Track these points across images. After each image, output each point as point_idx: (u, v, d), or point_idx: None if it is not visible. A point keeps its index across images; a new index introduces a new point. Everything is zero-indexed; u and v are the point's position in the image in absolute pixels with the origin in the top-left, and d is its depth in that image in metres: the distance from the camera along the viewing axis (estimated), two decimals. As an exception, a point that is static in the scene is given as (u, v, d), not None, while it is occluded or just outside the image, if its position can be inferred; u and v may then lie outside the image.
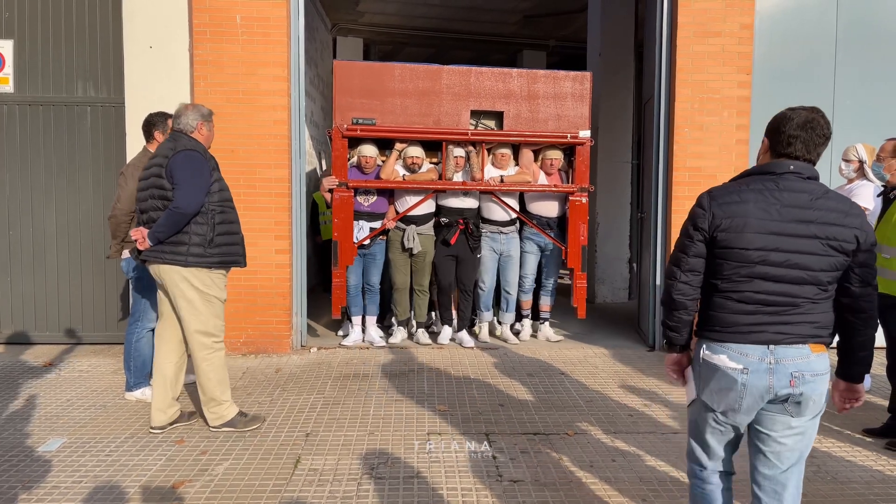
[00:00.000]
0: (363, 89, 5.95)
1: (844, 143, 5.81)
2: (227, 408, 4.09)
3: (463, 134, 6.04)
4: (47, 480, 3.42)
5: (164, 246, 3.85)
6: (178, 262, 3.86)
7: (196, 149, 3.91)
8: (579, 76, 6.18)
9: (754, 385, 2.18)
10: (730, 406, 2.24)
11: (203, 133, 4.06)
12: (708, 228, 2.25)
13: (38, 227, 6.15)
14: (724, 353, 2.23)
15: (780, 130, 2.26)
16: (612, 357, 6.01)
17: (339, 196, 5.99)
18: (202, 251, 3.87)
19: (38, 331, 6.21)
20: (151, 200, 3.88)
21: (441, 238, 6.20)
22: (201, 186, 3.83)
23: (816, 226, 2.15)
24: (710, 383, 2.27)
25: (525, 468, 3.61)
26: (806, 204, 2.17)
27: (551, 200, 6.35)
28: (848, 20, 6.16)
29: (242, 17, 5.78)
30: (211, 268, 3.93)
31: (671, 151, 6.09)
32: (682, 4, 5.96)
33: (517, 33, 11.83)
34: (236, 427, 4.07)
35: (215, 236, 3.90)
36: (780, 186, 2.20)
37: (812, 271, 2.16)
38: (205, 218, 3.87)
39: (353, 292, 6.24)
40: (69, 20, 6.07)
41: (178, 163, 3.81)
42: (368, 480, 3.45)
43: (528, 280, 6.50)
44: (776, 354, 2.17)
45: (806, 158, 2.23)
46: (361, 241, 6.08)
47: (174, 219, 3.78)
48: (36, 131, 6.10)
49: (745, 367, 2.19)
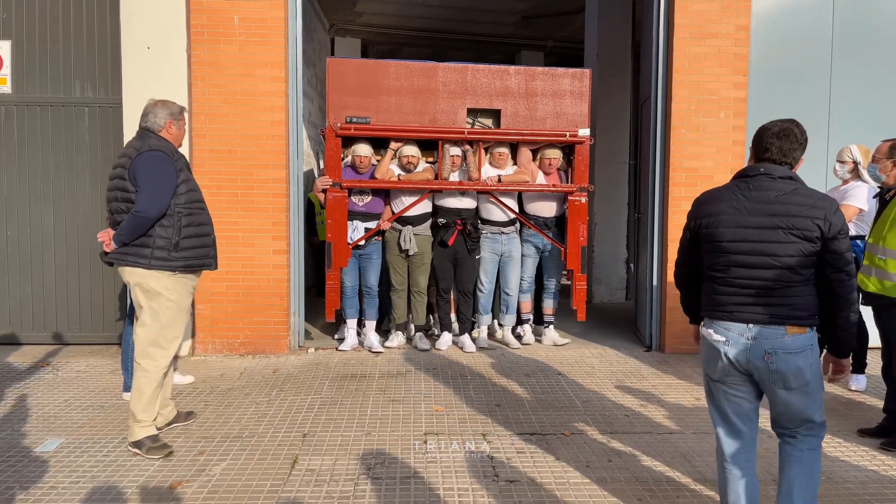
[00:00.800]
0: (357, 87, 5.83)
1: (840, 143, 5.85)
2: (142, 428, 3.79)
3: (459, 133, 5.93)
4: (45, 481, 3.43)
5: (128, 248, 3.72)
6: (141, 265, 3.72)
7: (162, 149, 3.75)
8: (578, 73, 6.08)
9: (734, 356, 2.56)
10: (722, 372, 2.62)
11: (172, 132, 3.89)
12: (694, 225, 2.70)
13: (36, 228, 6.15)
14: (712, 327, 2.64)
15: (760, 138, 2.65)
16: (609, 357, 6.02)
17: (333, 196, 5.88)
18: (166, 255, 3.72)
19: (35, 331, 6.21)
20: (116, 203, 3.75)
21: (438, 239, 6.09)
22: (165, 189, 3.69)
23: (779, 218, 2.49)
24: (705, 354, 2.69)
25: (521, 468, 3.62)
26: (772, 199, 2.52)
27: (550, 200, 6.26)
28: (844, 22, 6.18)
29: (240, 18, 5.79)
30: (175, 271, 3.78)
31: (668, 152, 6.11)
32: (679, 6, 5.98)
33: (515, 34, 11.85)
34: (140, 449, 3.75)
35: (181, 239, 3.75)
36: (752, 186, 2.58)
37: (778, 257, 2.49)
38: (170, 220, 3.73)
39: (350, 293, 6.11)
40: (67, 21, 6.08)
41: (140, 164, 3.66)
42: (365, 481, 3.46)
43: (527, 282, 6.40)
44: (753, 332, 2.53)
45: (782, 161, 2.61)
46: (356, 242, 5.95)
47: (136, 222, 3.64)
48: (34, 132, 6.11)
49: (726, 339, 2.57)
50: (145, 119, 3.84)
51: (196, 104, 5.81)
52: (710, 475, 3.56)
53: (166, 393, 4.08)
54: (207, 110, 5.80)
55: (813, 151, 6.22)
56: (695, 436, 4.13)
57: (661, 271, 6.24)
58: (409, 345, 6.30)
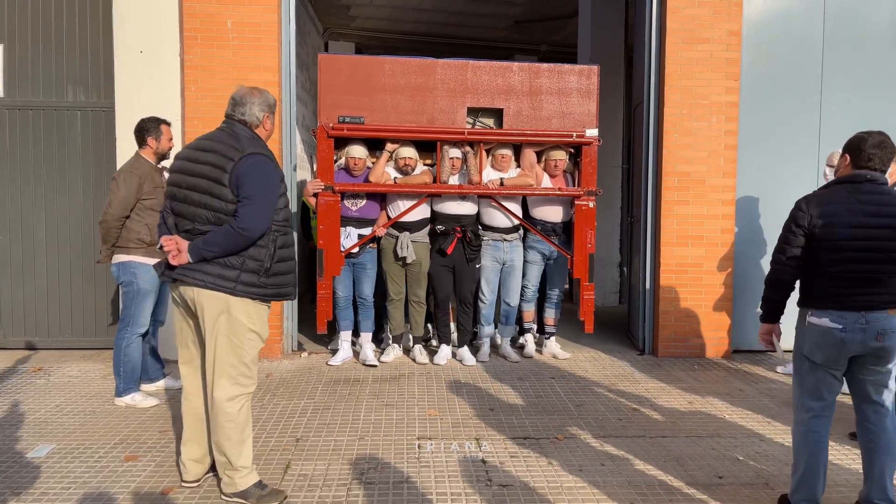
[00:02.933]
0: (351, 85, 5.45)
1: (830, 148, 5.90)
2: (245, 476, 3.24)
3: (459, 133, 5.57)
4: (36, 487, 3.41)
5: (208, 266, 3.07)
6: (225, 289, 3.08)
7: (266, 154, 3.16)
8: (586, 70, 5.71)
9: (851, 340, 2.94)
10: (828, 356, 3.00)
11: (267, 128, 3.31)
12: (807, 225, 3.02)
13: (28, 232, 6.13)
14: (826, 316, 2.98)
15: (860, 149, 3.02)
16: (602, 361, 6.03)
17: (325, 200, 5.51)
18: (255, 279, 3.12)
19: (27, 336, 6.18)
20: (200, 209, 3.08)
21: (437, 247, 5.75)
22: (273, 204, 3.11)
23: (887, 219, 2.94)
24: (815, 340, 3.02)
25: (515, 473, 3.62)
26: (881, 202, 2.96)
27: (556, 205, 5.90)
28: (834, 27, 6.23)
29: (234, 23, 5.79)
30: (259, 300, 3.19)
31: (661, 156, 6.13)
32: (671, 11, 6.01)
33: (508, 38, 11.88)
34: (247, 500, 3.21)
35: (273, 264, 3.15)
36: (860, 191, 2.99)
37: (888, 252, 2.93)
38: (266, 241, 3.12)
39: (343, 304, 5.77)
40: (59, 24, 6.06)
41: (249, 171, 3.04)
42: (358, 485, 3.45)
43: (531, 290, 6.05)
44: (867, 318, 2.94)
45: (882, 170, 3.03)
46: (349, 250, 5.60)
47: (235, 240, 3.03)
48: (26, 136, 6.08)
49: (843, 326, 2.95)
50: (239, 109, 3.22)
51: (189, 108, 5.80)
52: (702, 479, 3.57)
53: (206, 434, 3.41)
54: (201, 115, 5.79)
55: (803, 155, 6.29)
56: (687, 439, 4.14)
57: (654, 275, 6.26)
58: (406, 356, 5.99)
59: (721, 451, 3.96)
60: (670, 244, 6.13)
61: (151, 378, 4.98)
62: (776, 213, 6.25)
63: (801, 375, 3.13)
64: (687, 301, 6.14)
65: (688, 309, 6.15)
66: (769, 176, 6.27)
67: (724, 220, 6.12)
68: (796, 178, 6.22)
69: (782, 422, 4.48)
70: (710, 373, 5.68)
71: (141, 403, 4.65)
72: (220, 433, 3.18)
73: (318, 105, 5.53)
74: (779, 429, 4.35)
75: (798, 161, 6.27)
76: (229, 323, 3.12)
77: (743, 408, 4.76)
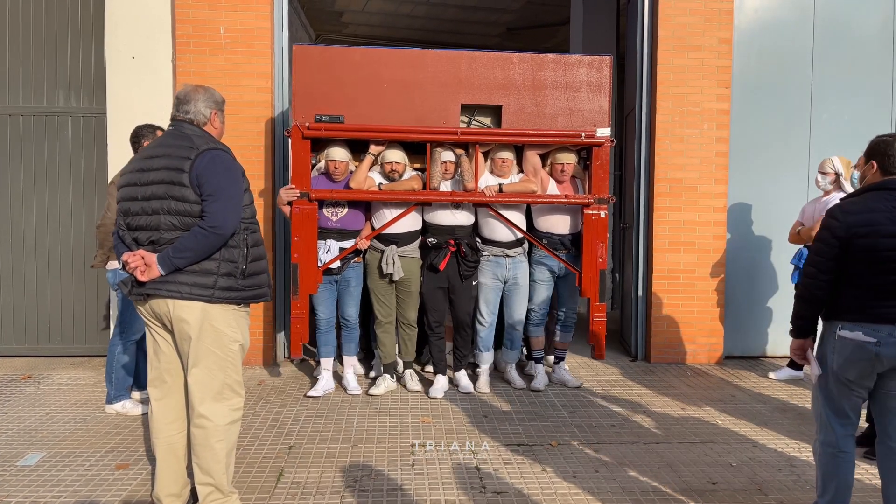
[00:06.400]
0: (329, 79, 4.84)
1: (821, 155, 5.94)
2: (236, 500, 3.10)
3: (452, 133, 4.90)
4: (26, 495, 3.38)
5: (182, 276, 2.87)
6: (203, 298, 2.89)
7: (222, 148, 2.99)
8: (596, 61, 5.04)
9: (885, 354, 2.74)
10: (861, 372, 2.81)
11: (216, 125, 3.14)
12: (845, 235, 2.79)
13: (18, 238, 6.09)
14: (860, 329, 2.78)
15: (888, 154, 2.84)
16: (596, 367, 6.04)
17: (300, 210, 4.87)
18: (233, 283, 2.94)
19: (16, 343, 6.13)
20: (163, 216, 2.87)
21: (428, 263, 5.09)
22: (240, 197, 2.95)
23: None
24: (847, 356, 2.82)
25: (509, 480, 3.61)
26: None
27: (563, 214, 5.21)
28: (824, 35, 6.28)
29: (226, 29, 5.78)
30: (240, 304, 3.03)
31: (652, 163, 6.16)
32: (663, 19, 6.06)
33: (500, 45, 11.93)
34: None
35: (248, 263, 2.99)
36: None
37: None
38: (237, 240, 2.96)
39: (325, 327, 5.11)
40: (51, 30, 6.04)
41: (208, 167, 2.87)
42: (352, 493, 3.44)
43: (539, 313, 5.34)
44: None
45: None
46: (328, 265, 4.94)
47: (208, 241, 2.84)
48: (16, 141, 6.05)
49: (878, 340, 2.74)
50: (184, 107, 3.05)
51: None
52: (696, 484, 3.57)
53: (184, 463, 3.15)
54: (193, 120, 5.77)
55: (794, 162, 6.33)
56: (681, 445, 4.15)
57: (646, 281, 6.27)
58: (399, 384, 5.30)
59: (714, 457, 3.97)
60: (662, 250, 6.15)
61: (143, 385, 4.94)
62: (768, 219, 6.30)
63: (828, 394, 2.94)
64: (679, 307, 6.16)
65: (680, 315, 6.17)
66: (760, 182, 6.31)
67: (715, 226, 6.15)
68: (787, 185, 6.27)
69: (775, 427, 4.49)
70: (702, 379, 5.70)
71: (132, 411, 4.62)
72: (209, 456, 2.96)
73: (292, 102, 5.01)
74: (771, 434, 4.37)
75: (789, 168, 6.31)
76: (212, 335, 2.95)
77: (736, 414, 4.78)
